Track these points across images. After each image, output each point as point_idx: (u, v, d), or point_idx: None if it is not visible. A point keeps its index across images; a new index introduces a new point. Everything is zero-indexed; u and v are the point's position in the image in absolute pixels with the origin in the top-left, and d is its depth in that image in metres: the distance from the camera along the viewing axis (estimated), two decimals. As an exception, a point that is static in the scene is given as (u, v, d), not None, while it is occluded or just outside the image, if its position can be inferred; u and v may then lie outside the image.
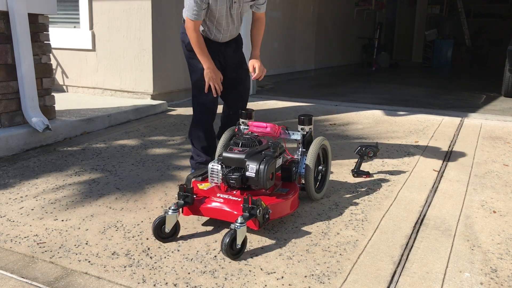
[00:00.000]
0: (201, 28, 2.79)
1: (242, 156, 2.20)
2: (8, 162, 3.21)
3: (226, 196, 2.23)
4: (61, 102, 4.49)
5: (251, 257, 2.01)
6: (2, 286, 1.78)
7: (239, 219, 1.99)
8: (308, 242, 2.16)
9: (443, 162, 3.38)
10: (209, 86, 2.83)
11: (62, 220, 2.34)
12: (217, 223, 2.32)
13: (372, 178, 3.01)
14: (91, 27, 5.29)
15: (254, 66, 2.83)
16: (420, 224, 2.36)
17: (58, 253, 2.02)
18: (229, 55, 2.95)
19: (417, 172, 3.14)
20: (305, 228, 2.29)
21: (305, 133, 2.58)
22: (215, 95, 2.87)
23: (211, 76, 2.79)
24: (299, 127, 2.60)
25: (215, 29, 2.79)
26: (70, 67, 5.55)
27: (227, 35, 2.85)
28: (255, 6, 2.87)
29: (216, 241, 2.14)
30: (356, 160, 3.09)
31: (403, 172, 3.14)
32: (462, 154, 3.57)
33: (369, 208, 2.55)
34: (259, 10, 2.91)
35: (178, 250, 2.06)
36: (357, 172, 3.02)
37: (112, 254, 2.02)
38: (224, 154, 2.24)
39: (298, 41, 8.49)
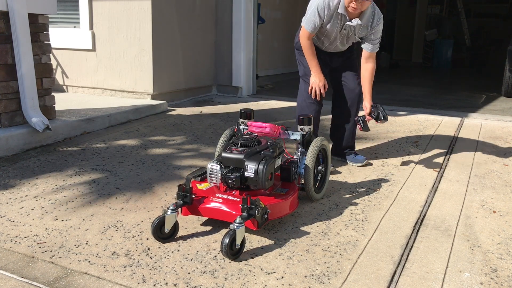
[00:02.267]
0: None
1: (241, 156, 2.20)
2: (8, 162, 3.21)
3: (225, 196, 2.23)
4: (61, 102, 4.49)
5: (251, 257, 2.01)
6: (2, 286, 1.78)
7: (238, 219, 1.98)
8: (308, 242, 2.16)
9: (443, 162, 3.38)
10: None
11: (62, 220, 2.34)
12: (216, 223, 2.32)
13: (372, 178, 3.01)
14: (91, 27, 5.29)
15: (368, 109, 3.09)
16: (420, 224, 2.36)
17: (58, 253, 2.02)
18: (334, 61, 3.27)
19: (417, 172, 3.14)
20: (305, 228, 2.29)
21: (304, 133, 2.58)
22: (318, 98, 3.18)
23: (315, 80, 3.14)
24: (299, 127, 2.60)
25: (324, 38, 3.13)
26: (70, 67, 5.55)
27: (331, 47, 3.19)
28: (365, 42, 3.07)
29: (216, 241, 2.14)
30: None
31: (403, 172, 3.14)
32: (462, 154, 3.57)
33: (369, 208, 2.55)
34: (367, 49, 3.09)
35: (178, 250, 2.06)
36: (362, 121, 3.06)
37: (112, 254, 2.02)
38: (223, 154, 2.24)
39: (298, 41, 8.48)
